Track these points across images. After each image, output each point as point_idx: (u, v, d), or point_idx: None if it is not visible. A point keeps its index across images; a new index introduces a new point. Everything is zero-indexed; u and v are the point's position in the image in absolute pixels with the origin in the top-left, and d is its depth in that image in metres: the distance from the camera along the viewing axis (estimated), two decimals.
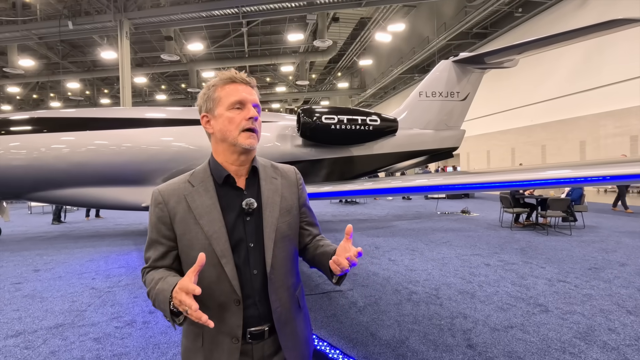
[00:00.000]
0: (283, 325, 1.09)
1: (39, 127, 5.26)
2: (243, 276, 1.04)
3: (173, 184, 1.10)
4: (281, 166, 1.21)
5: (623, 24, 5.30)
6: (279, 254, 1.08)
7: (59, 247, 6.75)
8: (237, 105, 1.04)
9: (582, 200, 7.93)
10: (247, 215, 1.06)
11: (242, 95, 1.04)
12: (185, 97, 28.79)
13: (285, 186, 1.15)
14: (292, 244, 1.15)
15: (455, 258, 5.33)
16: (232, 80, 1.06)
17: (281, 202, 1.12)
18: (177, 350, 2.76)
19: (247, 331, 1.04)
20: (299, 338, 1.14)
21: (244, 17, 14.52)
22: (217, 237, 1.02)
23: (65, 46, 20.00)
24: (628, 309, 3.36)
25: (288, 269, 1.12)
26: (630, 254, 5.34)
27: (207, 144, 1.14)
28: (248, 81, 1.08)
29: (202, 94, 1.09)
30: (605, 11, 11.75)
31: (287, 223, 1.12)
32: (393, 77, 23.42)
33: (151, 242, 1.08)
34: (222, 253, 1.01)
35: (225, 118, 1.04)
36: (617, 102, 11.85)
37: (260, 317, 1.06)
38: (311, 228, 1.24)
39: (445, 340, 2.81)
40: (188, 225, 1.04)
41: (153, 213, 1.08)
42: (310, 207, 1.26)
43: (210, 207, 1.04)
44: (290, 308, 1.12)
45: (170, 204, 1.06)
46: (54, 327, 3.23)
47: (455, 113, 7.77)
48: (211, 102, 1.06)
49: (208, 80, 1.15)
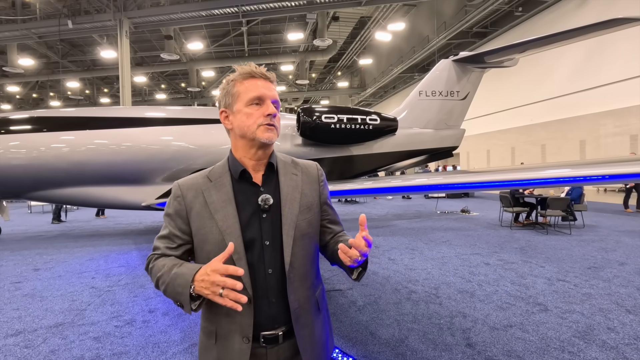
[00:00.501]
0: (301, 327, 1.06)
1: (38, 126, 5.26)
2: (256, 275, 1.02)
3: (192, 179, 1.09)
4: (302, 162, 1.19)
5: (623, 23, 5.29)
6: (298, 252, 1.05)
7: (58, 247, 6.75)
8: (255, 101, 1.02)
9: (581, 200, 7.93)
10: (263, 212, 1.03)
11: (260, 91, 1.02)
12: (185, 97, 28.77)
13: (305, 182, 1.13)
14: (312, 243, 1.11)
15: (454, 257, 5.33)
16: (251, 75, 1.04)
17: (301, 198, 1.09)
18: (177, 349, 2.77)
19: (261, 335, 1.02)
20: (317, 342, 1.10)
21: (244, 16, 14.51)
22: (231, 233, 1.00)
23: (65, 45, 19.99)
24: (627, 308, 3.36)
25: (308, 268, 1.09)
26: (629, 253, 5.34)
27: (207, 144, 1.14)
28: (267, 76, 1.05)
29: (222, 89, 1.08)
30: (605, 10, 11.73)
31: (307, 221, 1.08)
32: (393, 76, 23.40)
33: (166, 232, 1.07)
34: (234, 249, 0.99)
35: (244, 114, 1.02)
36: (617, 102, 11.84)
37: (274, 320, 1.03)
38: (333, 226, 1.20)
39: (445, 339, 2.82)
40: (203, 220, 1.03)
41: (171, 205, 1.07)
42: (332, 205, 1.23)
43: (225, 202, 1.03)
44: (310, 310, 1.09)
45: (188, 198, 1.05)
46: (54, 326, 3.23)
47: (455, 112, 7.77)
48: (230, 97, 1.05)
49: (208, 80, 1.14)
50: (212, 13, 14.17)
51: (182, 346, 2.81)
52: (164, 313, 3.46)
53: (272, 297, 1.03)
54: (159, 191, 5.69)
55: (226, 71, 25.83)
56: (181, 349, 2.76)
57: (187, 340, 2.89)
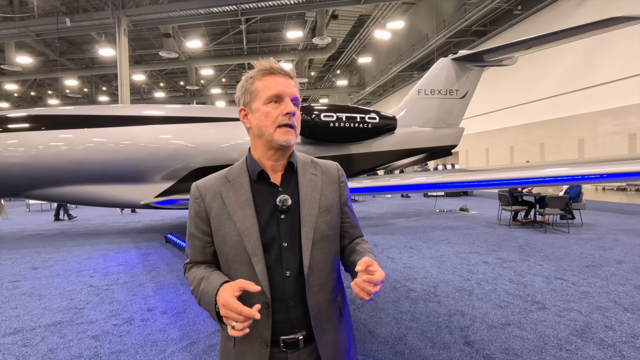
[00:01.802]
0: (322, 333, 1.03)
1: (37, 124, 5.25)
2: (274, 277, 0.99)
3: (211, 179, 1.07)
4: (322, 162, 1.15)
5: (622, 22, 5.29)
6: (318, 255, 1.02)
7: (57, 245, 6.74)
8: (274, 99, 0.99)
9: (580, 198, 7.94)
10: (282, 213, 1.01)
11: (279, 88, 0.99)
12: (183, 95, 28.69)
13: (325, 183, 1.09)
14: (332, 246, 1.08)
15: (453, 256, 5.34)
16: (270, 71, 1.01)
17: (320, 199, 1.06)
18: (175, 348, 2.77)
19: (280, 339, 1.00)
20: (339, 349, 1.07)
21: (243, 15, 14.46)
22: (249, 234, 0.98)
23: (63, 43, 19.89)
24: (625, 306, 3.37)
25: (328, 272, 1.06)
26: (627, 251, 5.36)
27: (206, 142, 1.13)
28: (287, 72, 1.02)
29: (240, 86, 1.05)
30: (603, 9, 11.72)
31: (326, 222, 1.05)
32: (392, 74, 23.36)
33: (190, 236, 1.08)
34: (252, 251, 0.98)
35: (262, 113, 1.00)
36: (616, 100, 11.84)
37: (293, 324, 1.01)
38: (352, 230, 1.17)
39: (443, 338, 2.82)
40: (222, 221, 1.01)
41: (191, 207, 1.06)
42: (352, 207, 1.20)
43: (243, 203, 1.01)
44: (331, 315, 1.06)
45: (207, 199, 1.04)
46: (52, 324, 3.23)
47: (454, 111, 7.77)
48: (248, 95, 1.02)
49: (207, 78, 1.12)
50: (211, 11, 14.11)
51: (181, 345, 2.81)
52: (163, 311, 3.46)
53: (291, 300, 1.00)
54: (157, 190, 5.68)
55: (225, 69, 25.77)
56: (180, 348, 2.76)
57: (186, 339, 2.89)
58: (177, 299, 3.81)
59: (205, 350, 2.71)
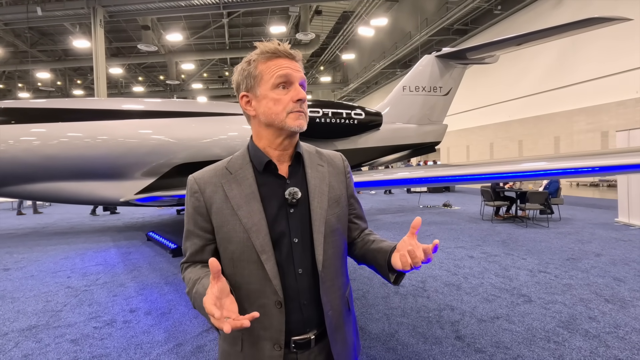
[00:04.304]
0: (334, 330, 0.99)
1: (6, 118, 4.95)
2: (286, 276, 0.93)
3: (209, 171, 0.99)
4: (326, 152, 1.10)
5: (598, 23, 5.46)
6: (329, 250, 0.97)
7: (30, 245, 6.42)
8: (282, 84, 0.92)
9: (558, 194, 8.19)
10: (291, 207, 0.95)
11: (288, 72, 0.92)
12: (164, 90, 27.95)
13: (332, 174, 1.04)
14: (341, 239, 1.04)
15: (439, 251, 5.39)
16: (275, 54, 0.93)
17: (329, 191, 1.01)
18: (161, 350, 2.66)
19: (292, 340, 0.94)
20: (348, 345, 1.04)
21: (225, 8, 14.15)
22: (257, 230, 0.91)
23: (34, 34, 18.96)
24: (606, 297, 3.47)
25: (338, 267, 1.01)
26: (604, 244, 5.55)
27: (187, 137, 1.04)
28: (293, 55, 0.95)
29: (241, 70, 0.95)
30: (579, 10, 12.11)
31: (336, 215, 1.00)
32: (375, 71, 23.48)
33: (188, 233, 0.99)
34: (262, 248, 0.90)
35: (270, 99, 0.92)
36: (589, 99, 12.27)
37: (305, 323, 0.96)
38: (359, 221, 1.14)
39: (434, 333, 2.83)
40: (225, 217, 0.93)
41: (189, 203, 0.98)
42: (357, 198, 1.15)
43: (249, 196, 0.93)
44: (342, 311, 1.03)
45: (207, 193, 0.95)
46: (27, 329, 3.05)
47: (437, 108, 7.85)
48: (252, 79, 0.93)
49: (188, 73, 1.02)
50: (191, 3, 13.74)
51: (167, 346, 2.70)
52: (147, 312, 3.33)
53: (304, 299, 0.95)
54: (138, 186, 5.48)
55: (207, 64, 25.22)
56: (165, 350, 2.65)
57: (172, 340, 2.79)
58: (161, 298, 3.67)
59: (193, 351, 2.62)
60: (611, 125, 11.41)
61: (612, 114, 11.56)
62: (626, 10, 10.46)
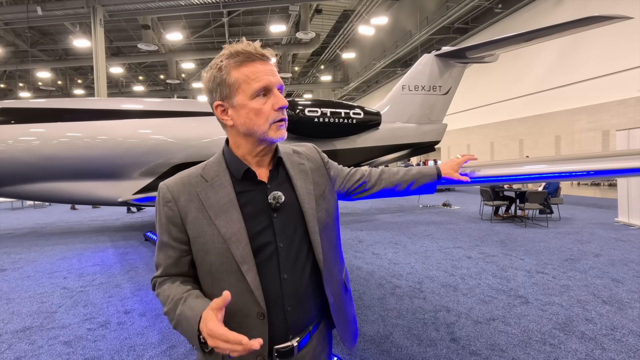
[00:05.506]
0: (336, 312, 1.05)
1: (6, 118, 4.96)
2: (269, 284, 0.90)
3: (183, 179, 0.94)
4: (301, 149, 1.08)
5: (599, 21, 5.41)
6: (324, 245, 0.99)
7: (28, 245, 6.43)
8: (261, 92, 0.87)
9: (558, 193, 8.15)
10: (274, 212, 0.92)
11: (265, 78, 0.86)
12: (164, 89, 27.94)
13: (314, 170, 1.05)
14: (333, 231, 1.06)
15: (437, 251, 5.37)
16: (248, 57, 0.86)
17: (315, 189, 1.01)
18: (154, 352, 2.65)
19: (274, 349, 0.91)
20: (347, 317, 1.11)
21: (225, 7, 14.14)
22: (237, 240, 0.87)
23: (34, 33, 18.97)
24: (603, 299, 3.45)
25: (333, 257, 1.05)
26: (603, 245, 5.52)
27: (186, 137, 1.02)
28: (267, 56, 0.88)
29: (211, 77, 0.89)
30: (579, 9, 12.04)
31: (324, 210, 1.01)
32: (376, 70, 23.42)
33: (161, 245, 0.94)
34: (242, 259, 0.87)
35: (250, 110, 0.87)
36: (590, 98, 12.21)
37: (287, 330, 0.93)
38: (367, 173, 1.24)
39: (429, 335, 2.81)
40: (202, 227, 0.89)
41: (162, 212, 0.92)
42: (343, 167, 1.22)
43: (227, 205, 0.89)
44: (340, 294, 1.08)
45: (181, 202, 0.90)
46: (21, 330, 3.05)
47: (437, 107, 7.81)
48: (226, 88, 0.87)
49: (188, 72, 1.01)
50: (191, 2, 13.73)
51: (160, 348, 2.69)
52: (141, 314, 3.32)
53: (288, 305, 0.92)
54: (136, 186, 5.48)
55: (207, 63, 25.19)
56: (159, 352, 2.64)
57: (165, 342, 2.77)
58: (156, 300, 3.66)
59: (186, 354, 2.61)
60: (612, 124, 11.36)
61: (613, 113, 11.50)
62: (626, 9, 10.39)
